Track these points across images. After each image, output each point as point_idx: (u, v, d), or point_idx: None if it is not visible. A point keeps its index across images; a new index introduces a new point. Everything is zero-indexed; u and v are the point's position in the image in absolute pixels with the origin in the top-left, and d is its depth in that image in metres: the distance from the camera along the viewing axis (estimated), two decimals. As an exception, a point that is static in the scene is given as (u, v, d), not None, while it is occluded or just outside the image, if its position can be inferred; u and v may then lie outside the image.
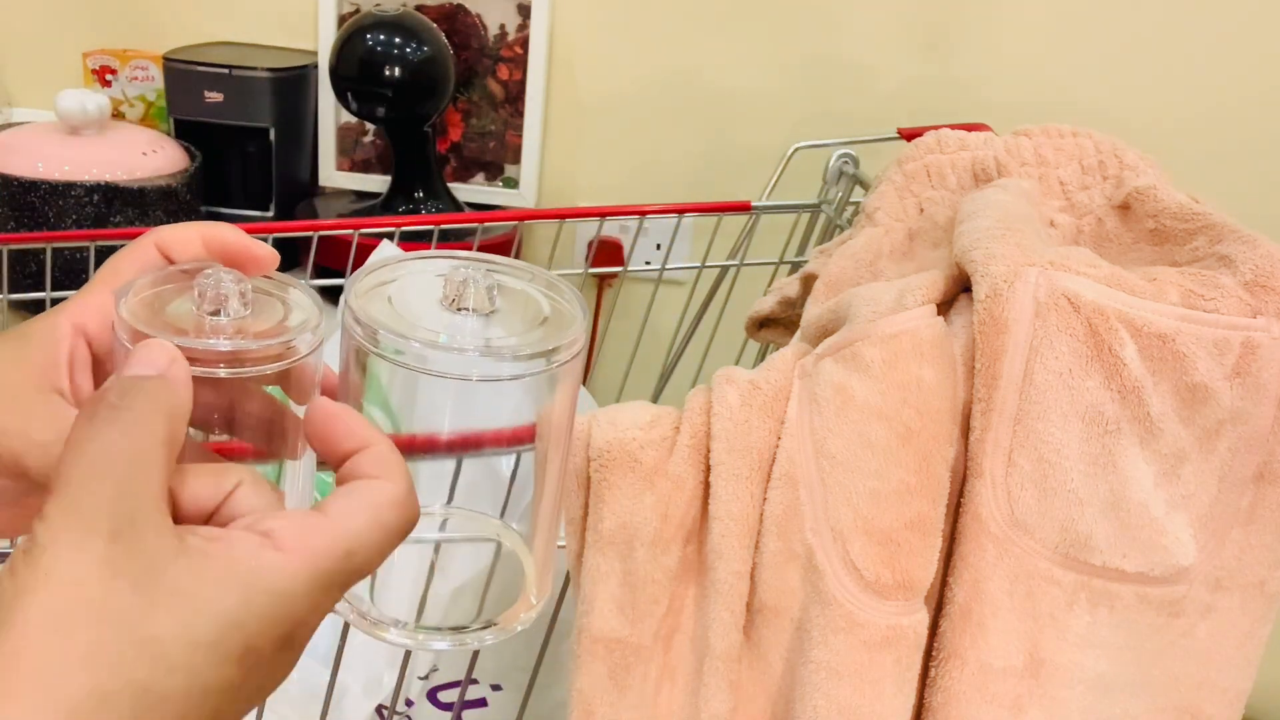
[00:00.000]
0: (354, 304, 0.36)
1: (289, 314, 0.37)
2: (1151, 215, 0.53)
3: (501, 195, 1.19)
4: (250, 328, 0.35)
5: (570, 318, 0.38)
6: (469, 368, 0.35)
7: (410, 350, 0.35)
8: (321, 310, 0.37)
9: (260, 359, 0.34)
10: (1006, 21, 1.06)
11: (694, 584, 0.49)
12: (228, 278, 0.35)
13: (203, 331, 0.34)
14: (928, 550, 0.46)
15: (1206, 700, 0.50)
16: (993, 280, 0.46)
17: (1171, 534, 0.47)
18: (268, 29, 1.18)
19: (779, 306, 0.68)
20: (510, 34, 1.13)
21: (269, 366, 0.34)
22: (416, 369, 0.35)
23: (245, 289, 0.36)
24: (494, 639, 0.41)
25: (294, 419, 0.38)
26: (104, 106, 1.02)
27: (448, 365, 0.35)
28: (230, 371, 0.34)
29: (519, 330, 0.37)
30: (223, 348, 0.34)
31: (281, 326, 0.36)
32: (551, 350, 0.36)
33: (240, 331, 0.35)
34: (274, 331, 0.35)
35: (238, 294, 0.35)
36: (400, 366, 0.35)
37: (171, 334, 0.33)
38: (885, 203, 0.62)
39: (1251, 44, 1.03)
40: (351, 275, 0.37)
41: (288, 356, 0.35)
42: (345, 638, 0.55)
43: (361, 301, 0.36)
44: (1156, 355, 0.45)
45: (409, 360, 0.35)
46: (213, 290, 0.35)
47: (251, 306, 0.36)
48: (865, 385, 0.46)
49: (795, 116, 1.12)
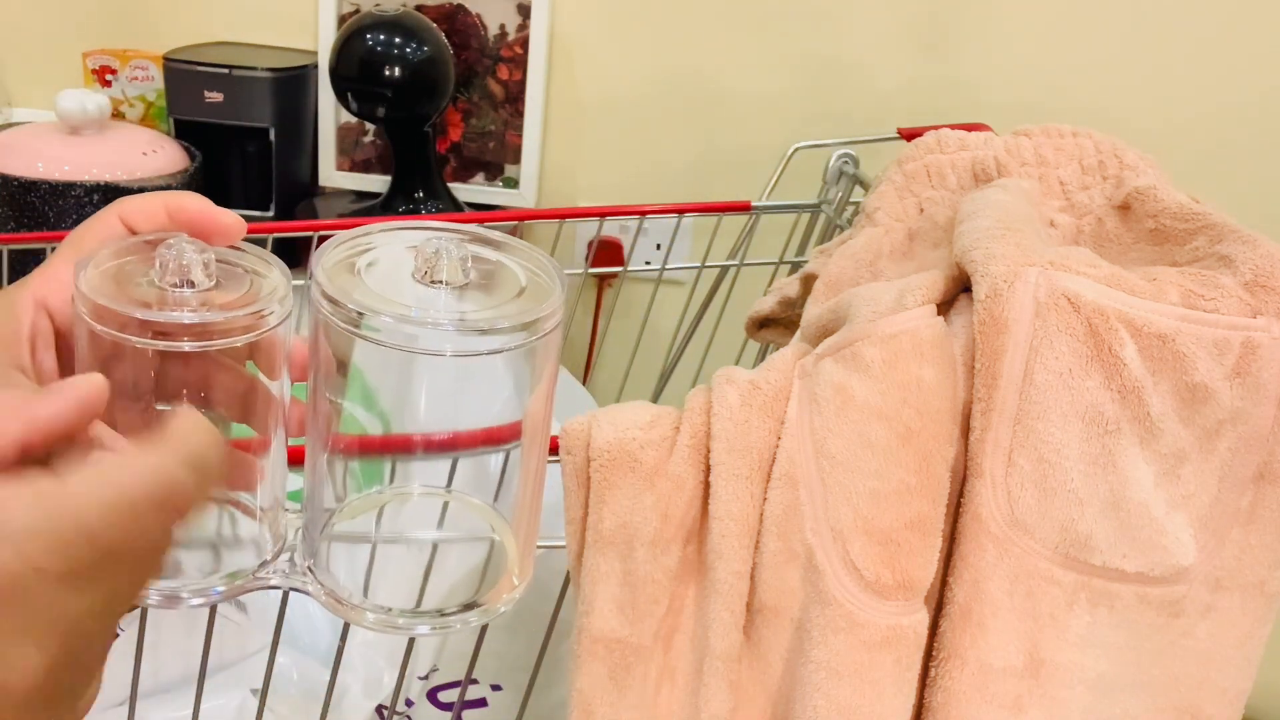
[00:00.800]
0: (321, 277, 0.34)
1: (257, 285, 0.35)
2: (1151, 215, 0.53)
3: (501, 195, 1.19)
4: (216, 300, 0.34)
5: (547, 289, 0.36)
6: (443, 343, 0.33)
7: (381, 325, 0.33)
8: (290, 281, 0.35)
9: (226, 331, 0.33)
10: (1006, 21, 1.06)
11: (694, 584, 0.49)
12: (190, 248, 0.34)
13: (165, 304, 0.33)
14: (928, 550, 0.46)
15: (1206, 700, 0.50)
16: (993, 280, 0.46)
17: (1171, 534, 0.47)
18: (268, 29, 1.18)
19: (779, 306, 0.68)
20: (510, 34, 1.13)
21: (236, 339, 0.33)
22: (389, 345, 0.33)
23: (209, 259, 0.34)
24: (477, 620, 0.39)
25: (264, 391, 0.36)
26: (104, 106, 1.02)
27: (421, 341, 0.33)
28: (195, 345, 0.33)
29: (495, 303, 0.35)
30: (186, 320, 0.32)
31: (248, 298, 0.34)
32: (530, 323, 0.34)
33: (205, 304, 0.33)
34: (240, 303, 0.34)
35: (201, 264, 0.34)
36: (370, 342, 0.33)
37: (133, 307, 0.32)
38: (885, 203, 0.62)
39: (1251, 44, 1.03)
40: (319, 247, 0.35)
41: (255, 329, 0.33)
42: (345, 638, 0.55)
43: (329, 274, 0.34)
44: (1156, 355, 0.45)
45: (381, 336, 0.33)
46: (175, 261, 0.34)
47: (216, 278, 0.34)
48: (865, 385, 0.46)
49: (795, 116, 1.12)
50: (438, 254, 0.35)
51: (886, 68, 1.09)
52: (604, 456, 0.47)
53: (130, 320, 0.32)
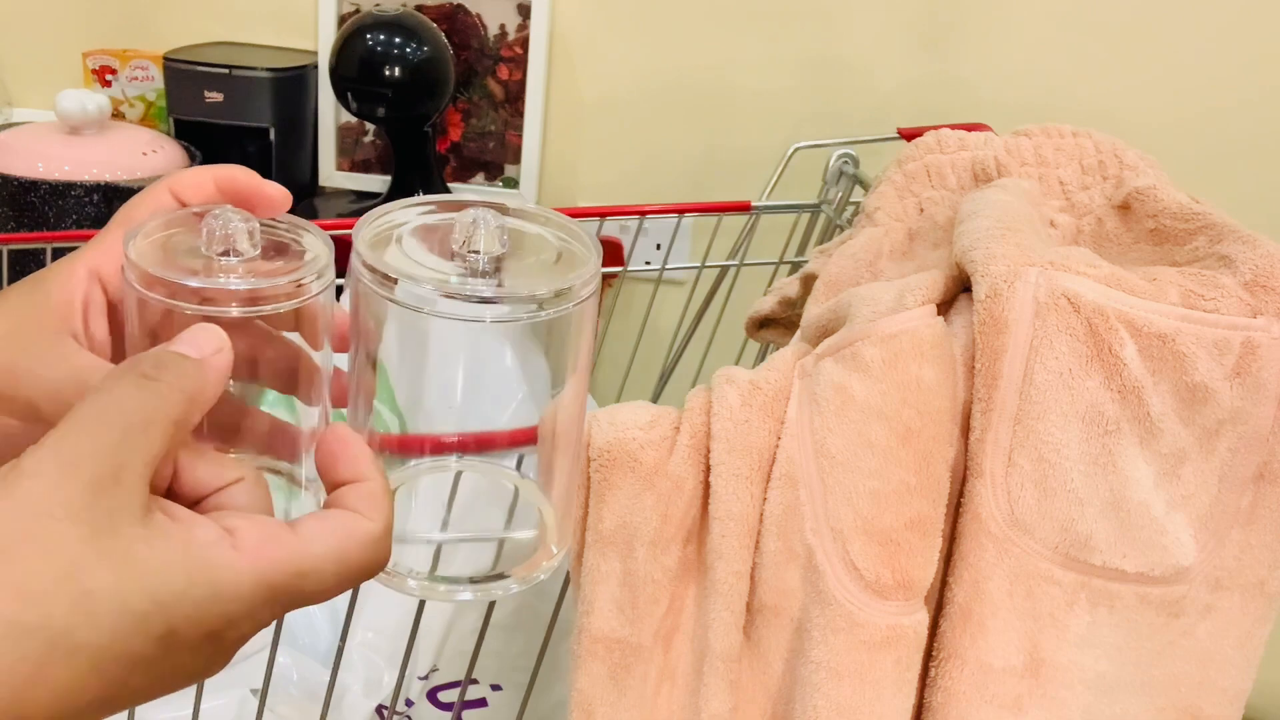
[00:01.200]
0: (362, 248, 0.35)
1: (300, 255, 0.36)
2: (1151, 215, 0.53)
3: (501, 195, 1.19)
4: (260, 268, 0.35)
5: (582, 258, 0.37)
6: (482, 310, 0.34)
7: (421, 294, 0.34)
8: (332, 251, 0.36)
9: (271, 298, 0.34)
10: (1006, 21, 1.06)
11: (694, 584, 0.49)
12: (236, 217, 0.35)
13: (212, 272, 0.34)
14: (928, 550, 0.46)
15: (1206, 700, 0.50)
16: (993, 280, 0.46)
17: (1171, 534, 0.47)
18: (268, 29, 1.18)
19: (779, 306, 0.68)
20: (510, 34, 1.13)
21: (281, 305, 0.34)
22: (428, 313, 0.34)
23: (254, 228, 0.35)
24: (518, 588, 0.40)
25: (309, 362, 0.37)
26: (104, 106, 1.02)
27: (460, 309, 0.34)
28: (243, 311, 0.33)
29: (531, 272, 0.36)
30: (233, 286, 0.33)
31: (292, 266, 0.35)
32: (565, 290, 0.35)
33: (251, 272, 0.35)
34: (284, 270, 0.35)
35: (246, 234, 0.35)
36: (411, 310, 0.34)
37: (181, 274, 0.33)
38: (885, 203, 0.62)
39: (1251, 44, 1.03)
40: (360, 220, 0.36)
41: (298, 295, 0.34)
42: (345, 638, 0.55)
43: (369, 246, 0.36)
44: (1156, 355, 0.45)
45: (420, 305, 0.34)
46: (221, 230, 0.35)
47: (261, 247, 0.35)
48: (865, 385, 0.46)
49: (795, 116, 1.11)
50: (475, 224, 0.36)
51: (886, 68, 1.09)
52: (604, 456, 0.47)
53: (179, 287, 0.33)
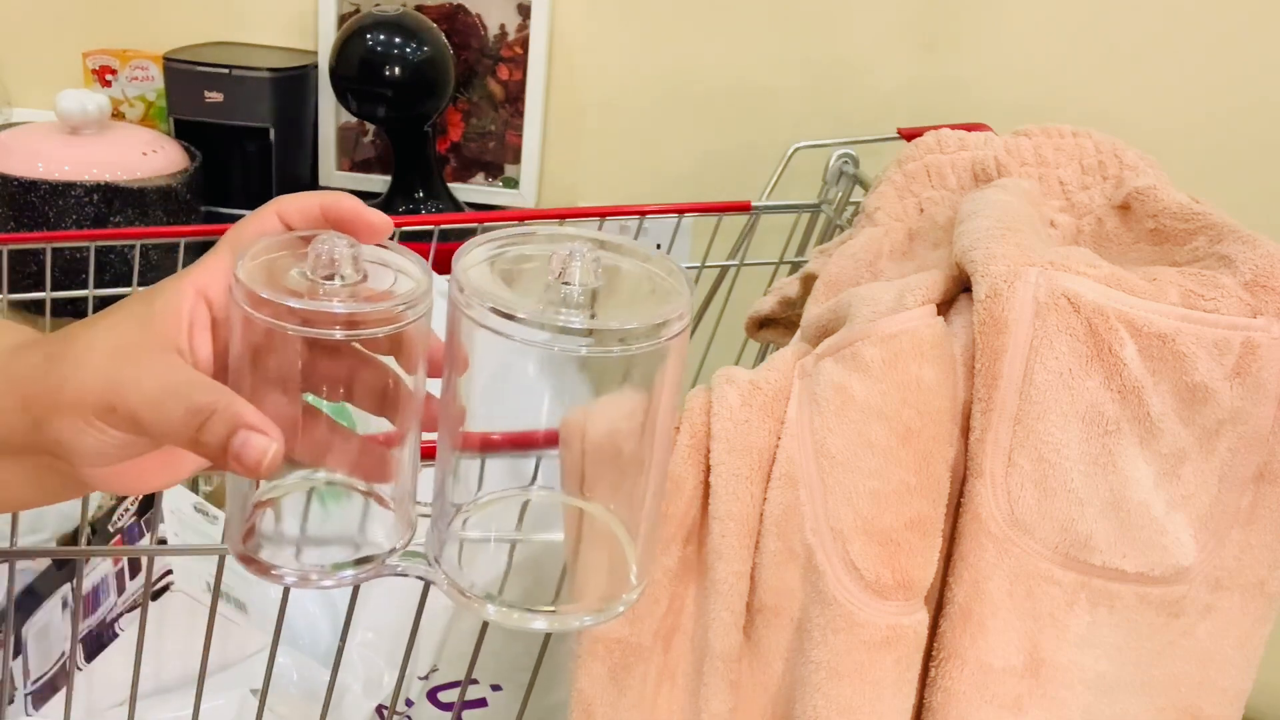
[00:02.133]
0: (461, 276, 0.36)
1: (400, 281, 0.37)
2: (1151, 215, 0.53)
3: (501, 195, 1.19)
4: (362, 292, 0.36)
5: (676, 292, 0.37)
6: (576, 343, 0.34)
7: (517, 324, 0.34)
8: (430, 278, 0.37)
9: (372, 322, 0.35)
10: (1006, 21, 1.06)
11: (694, 584, 0.49)
12: (341, 243, 0.36)
13: (316, 295, 0.35)
14: (928, 550, 0.46)
15: (1206, 700, 0.50)
16: (993, 280, 0.46)
17: (1171, 534, 0.47)
18: (268, 29, 1.18)
19: (779, 306, 0.68)
20: (510, 34, 1.13)
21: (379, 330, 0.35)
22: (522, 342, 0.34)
23: (358, 254, 0.36)
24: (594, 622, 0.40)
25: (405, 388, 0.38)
26: (104, 106, 1.02)
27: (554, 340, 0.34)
28: (345, 334, 0.35)
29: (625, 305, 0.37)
30: (336, 310, 0.34)
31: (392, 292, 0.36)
32: (659, 325, 0.35)
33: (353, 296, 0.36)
34: (385, 296, 0.36)
35: (350, 259, 0.36)
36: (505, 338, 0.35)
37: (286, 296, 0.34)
38: (885, 203, 0.62)
39: (1251, 46, 1.03)
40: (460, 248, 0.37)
41: (396, 321, 0.35)
42: (345, 638, 0.55)
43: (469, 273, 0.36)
44: (1156, 355, 0.45)
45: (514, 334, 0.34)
46: (327, 255, 0.36)
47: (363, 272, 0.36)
48: (865, 385, 0.46)
49: (795, 116, 1.11)
50: (571, 256, 0.36)
51: (886, 68, 1.09)
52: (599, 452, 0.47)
53: (284, 309, 0.34)
